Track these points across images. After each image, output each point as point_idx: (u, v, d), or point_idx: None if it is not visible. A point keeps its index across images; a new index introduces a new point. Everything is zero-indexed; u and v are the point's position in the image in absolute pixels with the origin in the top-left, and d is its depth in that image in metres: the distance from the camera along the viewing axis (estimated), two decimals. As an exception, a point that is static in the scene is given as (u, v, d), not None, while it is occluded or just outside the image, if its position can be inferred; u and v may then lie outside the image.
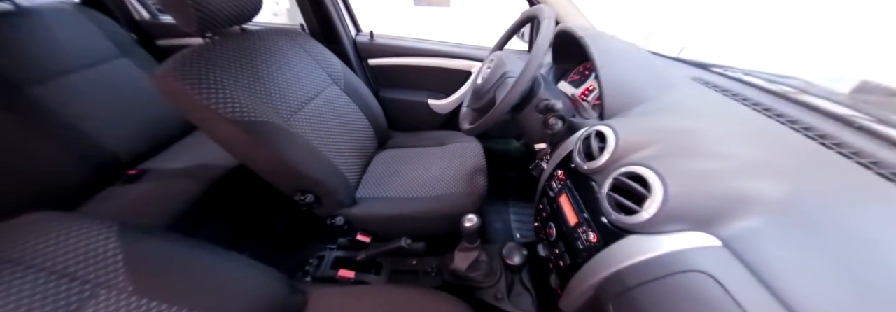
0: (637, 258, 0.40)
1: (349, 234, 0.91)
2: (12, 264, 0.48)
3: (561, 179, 0.61)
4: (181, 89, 0.62)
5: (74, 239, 0.53)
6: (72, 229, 0.54)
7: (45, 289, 0.47)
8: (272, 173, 0.77)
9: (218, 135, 0.69)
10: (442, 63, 1.24)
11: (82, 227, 0.54)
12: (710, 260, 0.35)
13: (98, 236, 0.54)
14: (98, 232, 0.54)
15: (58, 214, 0.56)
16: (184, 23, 0.67)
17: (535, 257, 0.84)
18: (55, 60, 0.99)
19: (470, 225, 0.65)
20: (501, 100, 0.61)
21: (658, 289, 0.37)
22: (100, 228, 0.55)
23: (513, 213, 1.32)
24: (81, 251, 0.52)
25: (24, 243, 0.51)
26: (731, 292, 0.32)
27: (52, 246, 0.51)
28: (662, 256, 0.38)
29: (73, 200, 0.94)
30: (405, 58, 1.25)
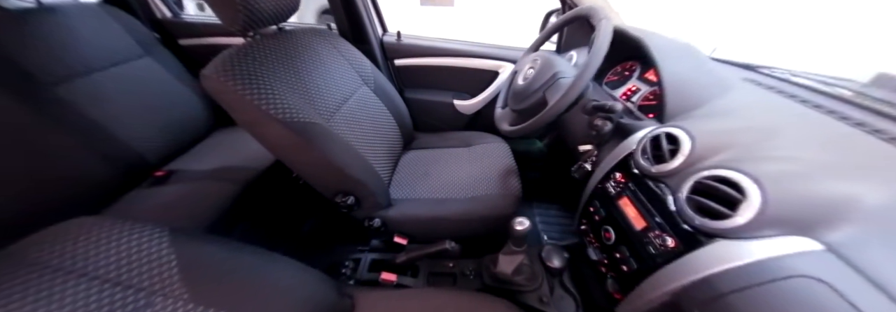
0: (731, 263, 0.39)
1: (385, 236, 0.89)
2: (64, 273, 0.46)
3: (620, 182, 0.59)
4: (232, 89, 0.61)
5: (126, 245, 0.51)
6: (123, 234, 0.52)
7: (99, 299, 0.45)
8: (316, 175, 0.75)
9: (266, 136, 0.67)
10: (468, 63, 1.22)
11: (134, 232, 0.52)
12: (817, 265, 0.35)
13: (151, 241, 0.52)
14: (150, 237, 0.52)
15: (105, 219, 0.54)
16: (229, 21, 0.65)
17: (576, 260, 0.83)
18: (79, 59, 0.97)
19: (521, 229, 0.63)
20: (556, 102, 0.60)
21: (761, 295, 0.36)
22: (151, 233, 0.53)
23: (538, 215, 1.31)
24: (134, 257, 0.50)
25: (75, 250, 0.49)
26: (846, 296, 0.32)
27: (104, 252, 0.49)
28: (764, 261, 0.37)
29: (100, 202, 0.92)
30: (431, 58, 1.24)
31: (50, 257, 0.47)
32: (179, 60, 1.20)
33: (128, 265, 0.49)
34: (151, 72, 1.11)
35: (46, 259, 0.47)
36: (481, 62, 1.21)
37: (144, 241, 0.52)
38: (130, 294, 0.47)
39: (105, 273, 0.48)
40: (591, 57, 0.57)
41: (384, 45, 1.22)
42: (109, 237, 0.51)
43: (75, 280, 0.46)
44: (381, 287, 0.76)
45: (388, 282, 0.77)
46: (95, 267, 0.48)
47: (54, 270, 0.46)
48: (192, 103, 1.18)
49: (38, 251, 0.48)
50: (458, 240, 0.92)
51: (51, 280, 0.45)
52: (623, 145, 0.62)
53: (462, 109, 1.30)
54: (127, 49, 1.07)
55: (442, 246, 0.75)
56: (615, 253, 0.58)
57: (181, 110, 1.15)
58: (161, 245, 0.52)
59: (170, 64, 1.16)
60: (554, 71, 0.66)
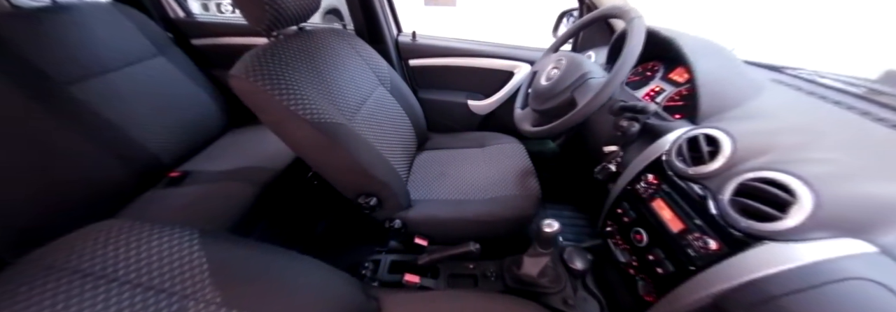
0: (782, 266, 0.38)
1: (404, 237, 0.88)
2: (94, 278, 0.45)
3: (652, 183, 0.59)
4: (262, 89, 0.60)
5: (157, 249, 0.50)
6: (153, 237, 0.51)
7: (132, 304, 0.45)
8: (341, 176, 0.74)
9: (292, 136, 0.67)
10: (483, 63, 1.22)
11: (163, 235, 0.52)
12: (872, 267, 0.34)
13: (181, 244, 0.51)
14: (180, 239, 0.52)
15: (134, 222, 0.53)
16: (255, 20, 0.64)
17: (599, 262, 0.82)
18: (93, 58, 0.96)
19: (550, 231, 0.63)
20: (587, 103, 0.59)
21: (815, 298, 0.35)
22: (181, 235, 0.52)
23: (551, 216, 1.30)
24: (166, 260, 0.49)
25: (104, 254, 0.48)
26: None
27: (134, 256, 0.49)
28: (817, 264, 0.36)
29: (115, 203, 0.91)
30: (445, 58, 1.23)
31: (79, 262, 0.47)
32: (193, 61, 1.20)
33: (159, 269, 0.48)
34: (165, 72, 1.10)
35: (75, 264, 0.46)
36: (496, 62, 1.21)
37: (175, 244, 0.51)
38: (163, 298, 0.46)
39: (136, 277, 0.47)
40: (625, 57, 0.56)
41: (399, 45, 1.21)
42: (139, 240, 0.50)
43: (106, 285, 0.45)
44: (404, 289, 0.76)
45: (412, 284, 0.76)
46: (126, 272, 0.47)
47: (84, 275, 0.45)
48: (205, 104, 1.18)
49: (67, 256, 0.47)
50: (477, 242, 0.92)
51: (81, 285, 0.44)
52: (654, 146, 0.62)
53: (476, 109, 1.30)
54: (141, 48, 1.06)
55: (466, 248, 0.75)
56: (648, 256, 0.58)
57: (194, 110, 1.14)
58: (192, 247, 0.51)
59: (183, 64, 1.16)
60: (582, 71, 0.66)
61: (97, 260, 0.47)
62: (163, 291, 0.47)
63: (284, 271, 0.56)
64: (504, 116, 1.35)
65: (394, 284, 0.78)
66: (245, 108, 1.33)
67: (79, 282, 0.44)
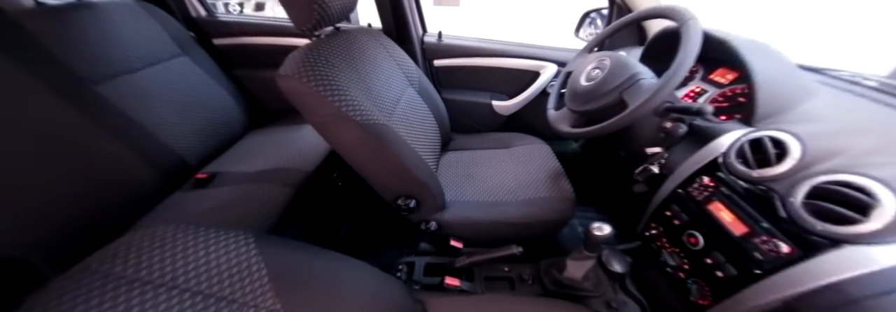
0: (864, 269, 0.39)
1: (439, 239, 0.88)
2: (153, 286, 0.45)
3: (708, 186, 0.59)
4: (314, 90, 0.60)
5: (215, 255, 0.50)
6: (210, 242, 0.51)
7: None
8: (383, 177, 0.74)
9: (340, 138, 0.66)
10: (508, 63, 1.22)
11: (220, 240, 0.51)
12: None
13: (238, 249, 0.51)
14: (237, 244, 0.51)
15: (187, 226, 0.53)
16: (301, 21, 0.64)
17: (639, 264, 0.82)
18: (119, 57, 0.96)
19: (600, 235, 0.63)
20: (641, 104, 0.59)
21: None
22: (237, 240, 0.52)
23: (576, 217, 1.31)
24: (224, 267, 0.49)
25: (162, 261, 0.47)
26: None
27: (193, 263, 0.48)
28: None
29: (143, 205, 0.91)
30: (470, 58, 1.23)
31: (137, 269, 0.46)
32: (214, 60, 1.19)
33: (219, 275, 0.48)
34: (189, 71, 1.10)
35: (132, 272, 0.46)
36: (522, 62, 1.21)
37: (232, 249, 0.51)
38: (224, 306, 0.46)
39: (196, 284, 0.46)
40: (682, 59, 0.56)
41: (425, 46, 1.21)
42: (196, 245, 0.50)
43: (166, 293, 0.45)
44: (445, 292, 0.75)
45: (453, 287, 0.76)
46: (186, 279, 0.46)
47: (144, 284, 0.45)
48: (228, 104, 1.17)
49: (124, 263, 0.46)
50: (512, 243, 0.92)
51: (141, 294, 0.44)
52: (707, 148, 0.62)
53: (500, 110, 1.30)
54: (164, 48, 1.06)
55: (509, 251, 0.74)
56: (705, 259, 0.58)
57: (218, 111, 1.14)
58: (249, 252, 0.51)
59: (206, 64, 1.15)
60: (632, 72, 0.66)
61: (155, 267, 0.47)
62: (223, 299, 0.46)
63: (339, 275, 0.55)
64: (527, 117, 1.35)
65: (434, 287, 0.78)
66: (265, 109, 1.32)
67: (138, 291, 0.44)
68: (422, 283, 0.80)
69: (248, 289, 0.48)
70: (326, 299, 0.51)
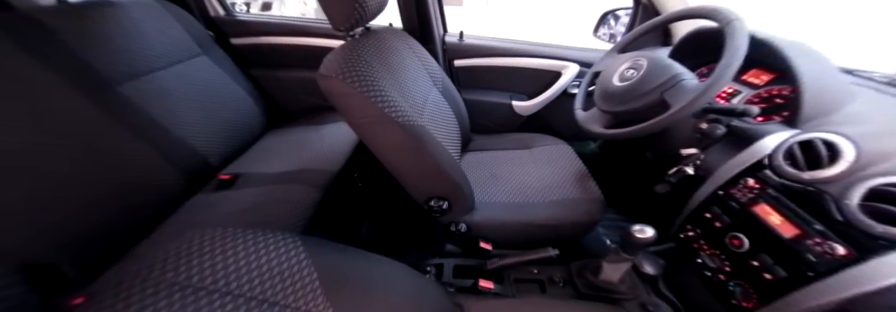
0: None
1: (468, 241, 0.88)
2: (207, 293, 0.44)
3: (753, 188, 0.59)
4: (357, 91, 0.60)
5: (266, 258, 0.49)
6: (260, 246, 0.50)
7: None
8: (420, 178, 0.74)
9: (379, 139, 0.66)
10: (528, 63, 1.22)
11: (269, 243, 0.51)
12: None
13: (288, 253, 0.51)
14: (286, 247, 0.51)
15: (235, 229, 0.52)
16: (341, 20, 0.64)
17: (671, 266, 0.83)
18: (141, 56, 0.96)
19: (642, 237, 0.63)
20: (685, 104, 0.59)
21: None
22: (286, 243, 0.52)
23: None
24: (275, 271, 0.49)
25: (213, 266, 0.47)
26: None
27: (245, 267, 0.48)
28: None
29: (167, 207, 0.91)
30: (490, 58, 1.23)
31: (189, 276, 0.45)
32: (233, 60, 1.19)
33: (270, 279, 0.48)
34: (208, 71, 1.10)
35: (184, 278, 0.45)
36: (543, 62, 1.21)
37: (282, 252, 0.51)
38: (277, 311, 0.46)
39: (249, 289, 0.46)
40: (729, 60, 0.57)
41: (445, 45, 1.22)
42: (246, 249, 0.50)
43: (220, 299, 0.44)
44: (479, 295, 0.76)
45: (487, 290, 0.76)
46: (239, 284, 0.46)
47: (197, 290, 0.44)
48: (247, 104, 1.17)
49: (175, 269, 0.46)
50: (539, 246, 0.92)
51: (195, 301, 0.43)
52: (751, 150, 0.62)
53: (520, 110, 1.30)
54: (185, 47, 1.06)
55: (545, 254, 0.75)
56: (751, 261, 0.58)
57: (237, 111, 1.14)
58: (299, 255, 0.51)
59: (225, 63, 1.15)
60: (673, 72, 0.66)
61: (207, 272, 0.46)
62: (276, 304, 0.46)
63: (383, 278, 0.55)
64: (547, 117, 1.35)
65: (466, 290, 0.78)
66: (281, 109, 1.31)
67: (192, 298, 0.43)
68: (455, 285, 0.80)
69: (300, 294, 0.48)
70: (374, 302, 0.52)
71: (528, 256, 0.77)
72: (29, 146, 0.70)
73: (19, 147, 0.68)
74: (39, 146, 0.71)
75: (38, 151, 0.71)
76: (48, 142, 0.72)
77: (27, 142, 0.70)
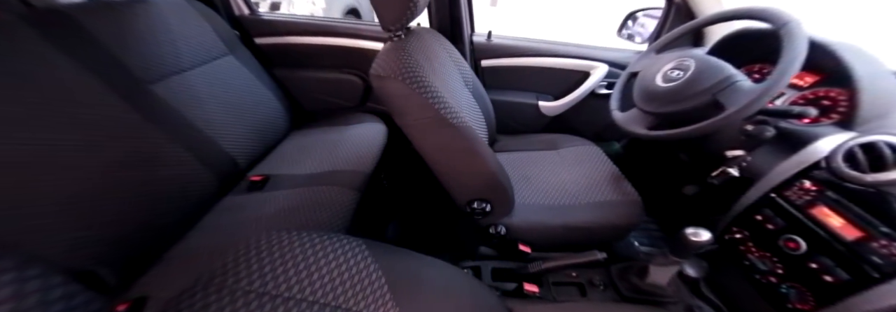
0: None
1: (507, 243, 0.89)
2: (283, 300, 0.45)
3: (810, 190, 0.60)
4: (414, 92, 0.61)
5: (335, 263, 0.50)
6: (327, 251, 0.51)
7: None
8: (467, 180, 0.75)
9: (432, 139, 0.67)
10: (556, 63, 1.23)
11: (336, 248, 0.51)
12: None
13: (355, 257, 0.51)
14: (352, 252, 0.52)
15: (297, 233, 0.53)
16: (392, 19, 0.65)
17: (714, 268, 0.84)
18: (172, 56, 0.96)
19: (697, 240, 0.63)
20: (743, 106, 0.60)
21: None
22: (352, 247, 0.52)
23: None
24: (346, 276, 0.49)
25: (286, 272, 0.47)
26: None
27: (315, 273, 0.48)
28: None
29: (201, 209, 0.91)
30: (517, 58, 1.24)
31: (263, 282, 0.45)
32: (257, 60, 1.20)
33: (341, 285, 0.48)
34: (235, 71, 1.11)
35: (259, 285, 0.45)
36: (571, 62, 1.22)
37: (349, 256, 0.51)
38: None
39: (322, 295, 0.46)
40: (788, 63, 0.58)
41: (473, 45, 1.23)
42: (315, 253, 0.50)
43: (296, 306, 0.44)
44: (525, 299, 0.76)
45: (533, 294, 0.77)
46: (312, 290, 0.46)
47: (273, 297, 0.44)
48: (272, 105, 1.18)
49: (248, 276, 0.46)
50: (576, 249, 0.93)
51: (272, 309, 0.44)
52: (806, 152, 0.63)
53: (546, 111, 1.31)
54: (213, 46, 1.07)
55: (593, 257, 0.75)
56: (809, 264, 0.59)
57: (263, 112, 1.15)
58: (365, 259, 0.51)
59: (251, 63, 1.16)
60: (726, 73, 0.67)
61: (281, 279, 0.46)
62: (348, 311, 0.46)
63: (446, 282, 0.56)
64: (571, 118, 1.36)
65: (512, 293, 0.79)
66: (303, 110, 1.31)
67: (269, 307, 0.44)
68: (498, 289, 0.81)
69: (371, 299, 0.48)
70: (437, 307, 0.52)
71: (575, 259, 0.78)
72: (72, 146, 0.70)
73: (63, 147, 0.69)
74: (81, 146, 0.71)
75: (81, 151, 0.71)
76: (90, 143, 0.73)
77: (69, 141, 0.70)
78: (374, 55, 1.28)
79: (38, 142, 0.66)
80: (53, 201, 0.65)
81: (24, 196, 0.62)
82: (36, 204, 0.63)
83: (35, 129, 0.66)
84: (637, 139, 1.41)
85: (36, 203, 0.63)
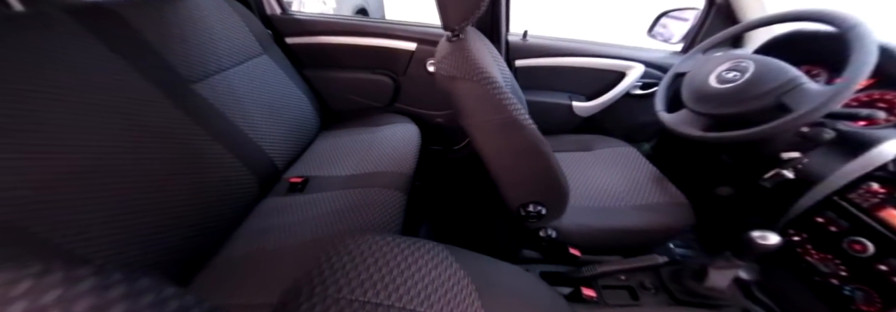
0: None
1: (556, 247, 0.90)
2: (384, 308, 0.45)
3: (877, 192, 0.62)
4: (490, 93, 0.62)
5: (425, 270, 0.50)
6: (416, 257, 0.51)
7: None
8: (527, 183, 0.76)
9: (502, 141, 0.67)
10: (591, 63, 1.25)
11: (423, 254, 0.52)
12: None
13: (443, 263, 0.52)
14: (439, 257, 0.52)
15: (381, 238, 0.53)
16: (458, 19, 0.65)
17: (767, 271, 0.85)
18: (212, 55, 0.97)
19: (767, 243, 0.65)
20: (814, 108, 0.62)
21: None
22: (438, 253, 0.53)
23: None
24: (438, 283, 0.49)
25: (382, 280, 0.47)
26: None
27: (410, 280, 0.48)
28: None
29: (244, 210, 0.92)
30: (551, 58, 1.26)
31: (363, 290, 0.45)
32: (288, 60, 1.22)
33: (434, 292, 0.48)
34: (269, 71, 1.12)
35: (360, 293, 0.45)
36: (606, 62, 1.24)
37: (438, 262, 0.51)
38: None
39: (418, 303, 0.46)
40: (860, 66, 0.60)
41: (509, 45, 1.24)
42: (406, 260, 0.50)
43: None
44: (584, 304, 0.78)
45: (591, 298, 0.78)
46: (409, 298, 0.46)
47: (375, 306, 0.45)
48: (304, 105, 1.19)
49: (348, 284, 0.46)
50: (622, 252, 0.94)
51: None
52: (871, 154, 0.65)
53: (579, 111, 1.33)
54: (249, 45, 1.08)
55: (653, 261, 0.77)
56: (878, 266, 0.61)
57: (296, 112, 1.16)
58: (452, 265, 0.52)
59: (283, 63, 1.17)
60: (791, 75, 0.69)
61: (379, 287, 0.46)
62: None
63: (527, 289, 0.57)
64: (602, 118, 1.38)
65: (569, 298, 0.80)
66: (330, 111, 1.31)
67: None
68: (562, 294, 0.82)
69: (462, 306, 0.48)
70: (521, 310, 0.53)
71: (635, 263, 0.79)
72: (123, 148, 0.71)
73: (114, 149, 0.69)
74: (132, 148, 0.72)
75: (132, 154, 0.72)
76: (141, 144, 0.73)
77: (121, 143, 0.70)
78: (405, 55, 1.31)
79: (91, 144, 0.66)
80: (106, 206, 0.65)
81: (80, 202, 0.62)
82: (90, 210, 0.63)
83: (86, 131, 0.66)
84: (666, 140, 1.44)
85: (90, 209, 0.63)
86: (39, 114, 0.60)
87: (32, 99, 0.60)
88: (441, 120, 1.46)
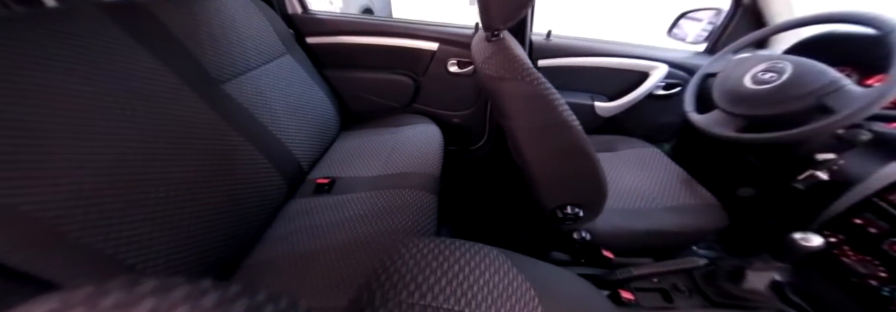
0: None
1: (590, 249, 0.92)
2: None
3: None
4: (542, 93, 0.62)
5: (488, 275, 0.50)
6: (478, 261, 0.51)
7: None
8: (569, 184, 0.76)
9: (552, 142, 0.68)
10: (613, 63, 1.27)
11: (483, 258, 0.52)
12: None
13: (502, 268, 0.52)
14: (498, 262, 0.53)
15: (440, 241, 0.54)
16: (502, 20, 0.66)
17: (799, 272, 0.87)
18: (240, 54, 0.97)
19: (809, 245, 0.66)
20: (857, 110, 0.63)
21: None
22: (497, 257, 0.54)
23: None
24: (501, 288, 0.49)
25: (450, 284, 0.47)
26: None
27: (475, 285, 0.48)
28: None
29: (273, 212, 0.93)
30: (574, 58, 1.27)
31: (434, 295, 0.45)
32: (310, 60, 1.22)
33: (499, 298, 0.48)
34: (293, 71, 1.13)
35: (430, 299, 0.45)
36: (629, 62, 1.25)
37: (499, 267, 0.52)
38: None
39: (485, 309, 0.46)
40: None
41: (532, 45, 1.25)
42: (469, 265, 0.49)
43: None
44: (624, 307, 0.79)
45: (629, 301, 0.80)
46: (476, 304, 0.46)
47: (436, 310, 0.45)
48: (325, 105, 1.20)
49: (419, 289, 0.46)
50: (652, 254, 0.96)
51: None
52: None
53: (601, 111, 1.34)
54: (273, 45, 1.08)
55: (692, 264, 0.78)
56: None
57: (318, 112, 1.16)
58: (512, 270, 0.52)
59: (305, 63, 1.18)
60: (831, 77, 0.70)
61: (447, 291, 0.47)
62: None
63: (581, 293, 0.59)
64: (623, 119, 1.39)
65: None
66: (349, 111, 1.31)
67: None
68: None
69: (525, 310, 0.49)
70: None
71: (672, 266, 0.80)
72: (162, 150, 0.71)
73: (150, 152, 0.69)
74: (168, 149, 0.72)
75: (169, 156, 0.72)
76: (177, 145, 0.74)
77: (160, 145, 0.71)
78: (426, 55, 1.32)
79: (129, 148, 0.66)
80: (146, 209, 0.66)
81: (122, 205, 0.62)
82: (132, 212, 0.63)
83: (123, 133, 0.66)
84: (687, 141, 1.45)
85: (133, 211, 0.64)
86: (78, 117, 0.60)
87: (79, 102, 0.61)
88: (458, 120, 1.48)
